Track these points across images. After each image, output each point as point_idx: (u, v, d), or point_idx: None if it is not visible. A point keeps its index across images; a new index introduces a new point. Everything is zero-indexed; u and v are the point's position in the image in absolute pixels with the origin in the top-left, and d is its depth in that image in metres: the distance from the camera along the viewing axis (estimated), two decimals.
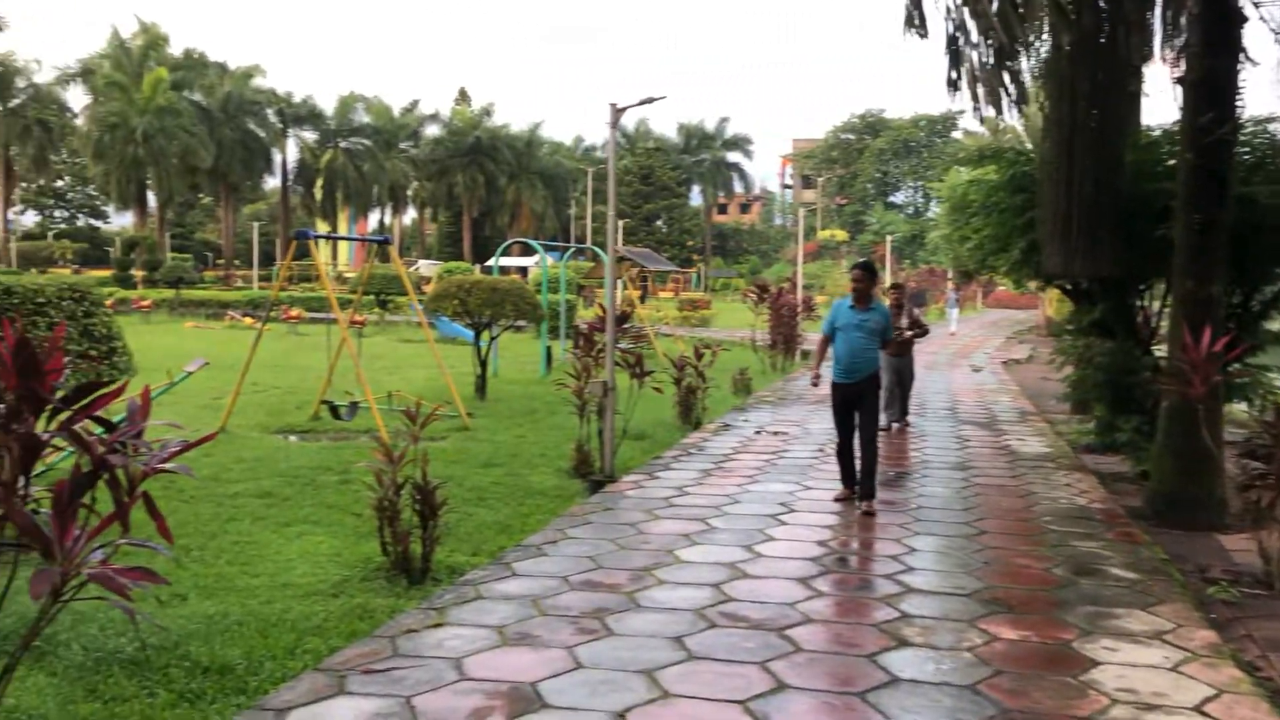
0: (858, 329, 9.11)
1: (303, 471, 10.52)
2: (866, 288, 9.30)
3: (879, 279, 9.73)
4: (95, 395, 3.79)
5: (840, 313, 9.31)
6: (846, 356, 9.16)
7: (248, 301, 43.84)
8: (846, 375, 9.21)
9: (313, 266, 59.03)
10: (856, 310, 9.20)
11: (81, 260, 74.21)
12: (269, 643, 5.72)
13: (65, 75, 66.79)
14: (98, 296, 8.46)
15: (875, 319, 9.19)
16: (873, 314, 9.21)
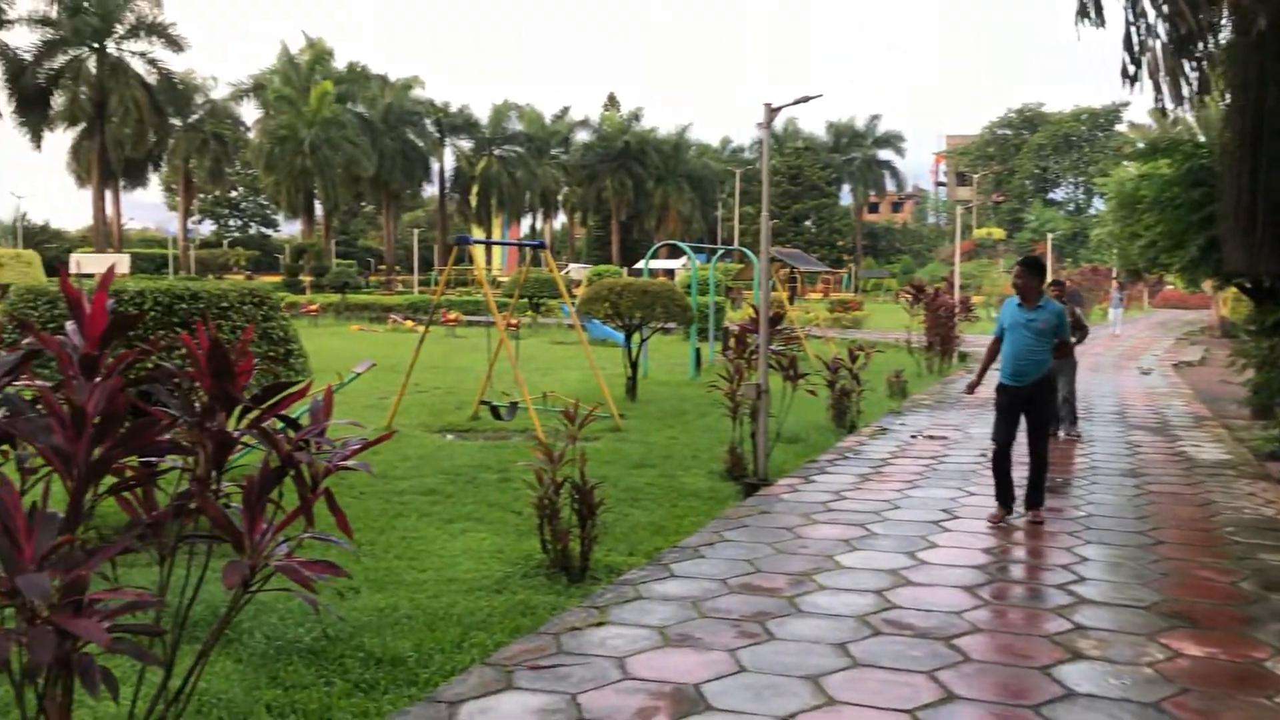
0: (1025, 328, 8.66)
1: (464, 469, 10.79)
2: (1028, 284, 8.78)
3: (1045, 275, 9.22)
4: (282, 395, 3.96)
5: (1008, 311, 8.90)
6: (1014, 357, 8.73)
7: (408, 305, 45.32)
8: (1015, 377, 8.76)
9: (469, 271, 60.65)
10: (1024, 309, 8.74)
11: (254, 267, 78.07)
12: (437, 636, 5.88)
13: (239, 91, 70.39)
14: (276, 301, 8.87)
15: (1044, 318, 8.67)
16: (1041, 312, 8.69)
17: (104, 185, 62.59)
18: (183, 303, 7.86)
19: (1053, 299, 9.19)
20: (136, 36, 60.04)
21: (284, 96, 66.09)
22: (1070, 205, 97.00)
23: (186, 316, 7.77)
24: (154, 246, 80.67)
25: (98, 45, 58.89)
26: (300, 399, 4.09)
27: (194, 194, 79.16)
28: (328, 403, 4.10)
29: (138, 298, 7.80)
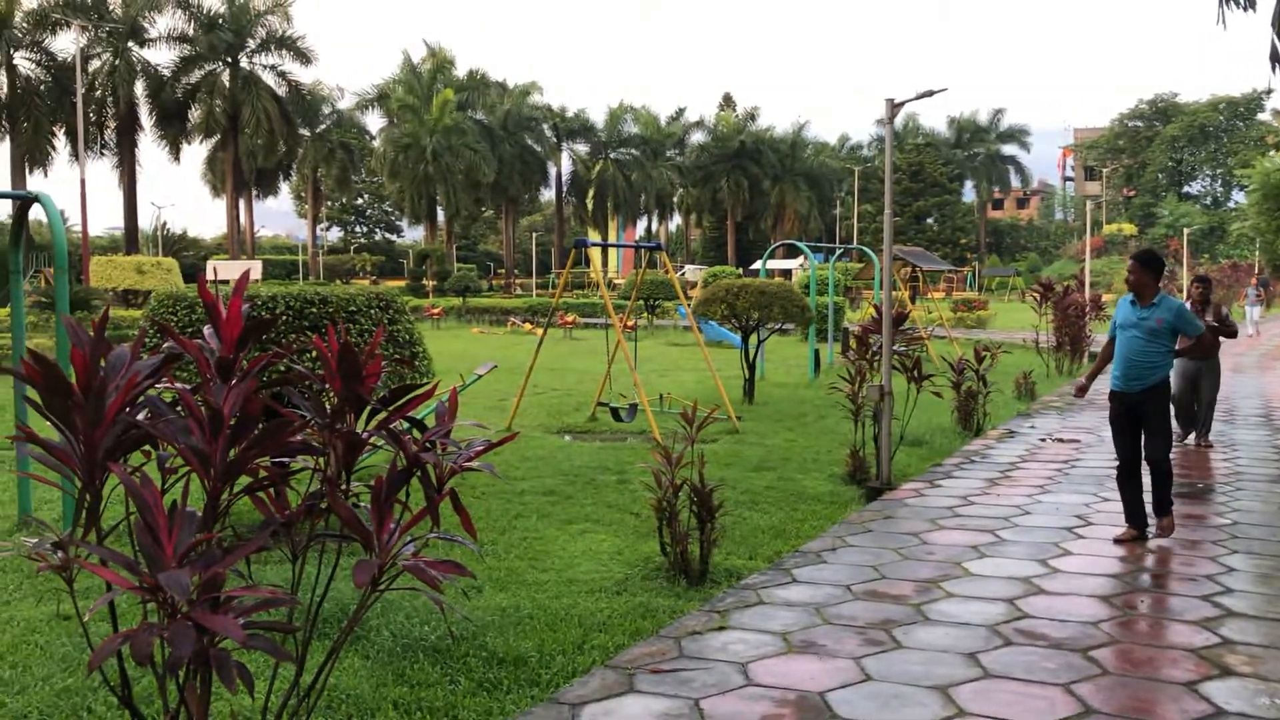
0: (1135, 328, 7.91)
1: (583, 470, 10.86)
2: (1141, 280, 7.95)
3: (1163, 271, 8.41)
4: (409, 396, 4.01)
5: (1121, 310, 8.13)
6: (1124, 360, 7.99)
7: (527, 308, 45.96)
8: (1123, 382, 8.01)
9: (586, 273, 61.23)
10: (1136, 307, 7.98)
11: (379, 272, 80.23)
12: (558, 637, 5.91)
13: (364, 100, 72.47)
14: (402, 305, 9.07)
15: (1159, 316, 7.84)
16: (1155, 310, 7.87)
17: (237, 194, 65.12)
18: (313, 307, 8.09)
19: (1172, 296, 8.46)
20: (267, 50, 62.31)
21: (407, 105, 67.77)
22: (1207, 199, 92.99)
23: (317, 320, 7.99)
24: (284, 253, 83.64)
25: (231, 60, 61.28)
26: (426, 400, 4.14)
27: (322, 202, 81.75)
28: (453, 404, 4.15)
29: (270, 302, 8.06)
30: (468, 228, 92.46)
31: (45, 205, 8.28)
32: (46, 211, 8.26)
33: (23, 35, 55.15)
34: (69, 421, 3.54)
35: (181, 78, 60.96)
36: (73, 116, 46.76)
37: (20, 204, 8.63)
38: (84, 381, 3.50)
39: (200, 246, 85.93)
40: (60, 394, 3.51)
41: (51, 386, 3.49)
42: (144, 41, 59.53)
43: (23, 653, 5.68)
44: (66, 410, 3.52)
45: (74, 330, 3.64)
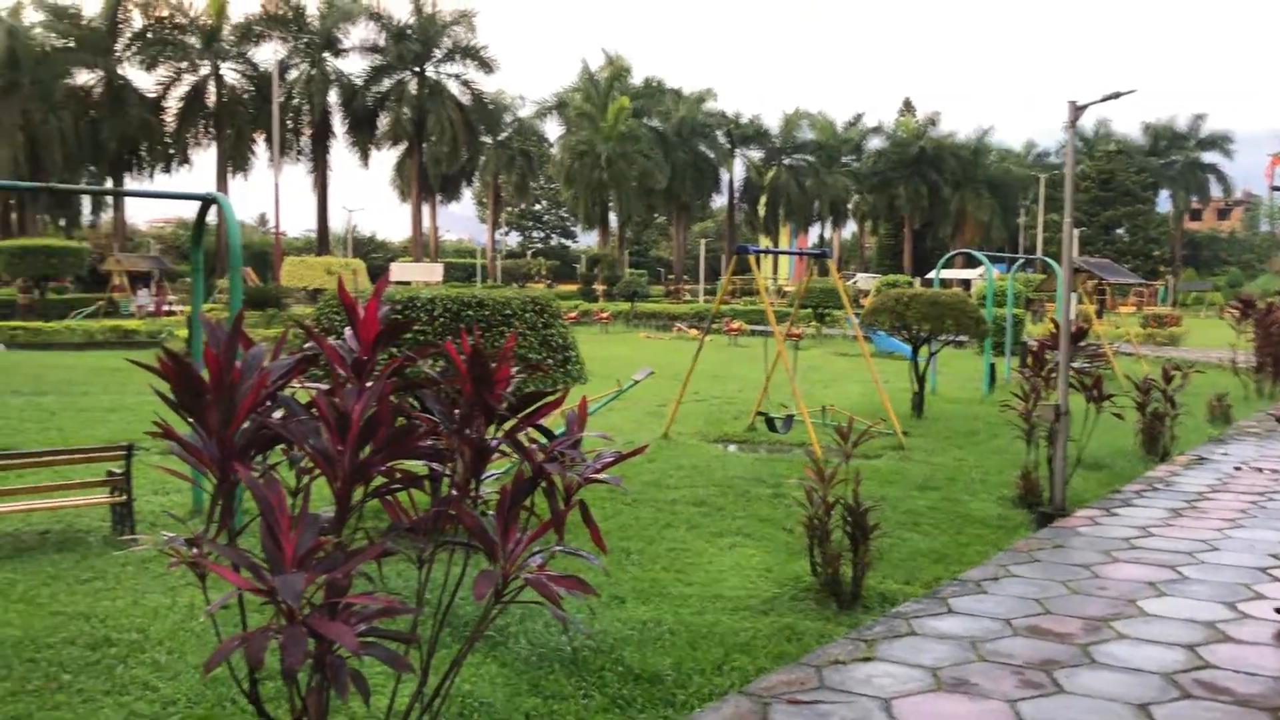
0: None
1: (736, 482, 10.62)
2: None
3: None
4: (538, 405, 3.90)
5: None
6: None
7: (694, 314, 45.94)
8: None
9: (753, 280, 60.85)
10: None
11: (553, 276, 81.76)
12: (698, 656, 5.72)
13: (543, 108, 74.07)
14: (556, 309, 9.05)
15: None
16: None
17: (421, 199, 67.54)
18: (469, 309, 8.14)
19: None
20: (452, 60, 64.41)
21: (584, 113, 68.85)
22: None
23: (472, 323, 8.04)
24: (465, 256, 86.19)
25: (418, 69, 63.62)
26: (557, 409, 4.01)
27: (502, 207, 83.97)
28: (582, 414, 4.00)
29: (430, 305, 8.15)
30: (640, 233, 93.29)
31: (222, 206, 8.62)
32: (223, 212, 8.59)
33: (229, 47, 58.64)
34: (202, 419, 3.56)
35: (372, 86, 63.64)
36: (271, 124, 49.40)
37: (201, 205, 9.02)
38: (216, 380, 3.51)
39: (387, 249, 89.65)
40: (193, 392, 3.53)
41: (185, 384, 3.52)
42: (338, 52, 62.47)
43: (179, 639, 5.86)
44: (199, 408, 3.55)
45: (210, 328, 3.66)
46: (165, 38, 56.95)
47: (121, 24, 56.26)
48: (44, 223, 57.01)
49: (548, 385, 8.47)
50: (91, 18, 55.79)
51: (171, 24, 57.20)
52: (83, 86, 56.04)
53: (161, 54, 56.94)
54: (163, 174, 60.01)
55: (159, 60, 57.13)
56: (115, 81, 56.02)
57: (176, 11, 57.32)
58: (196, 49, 57.86)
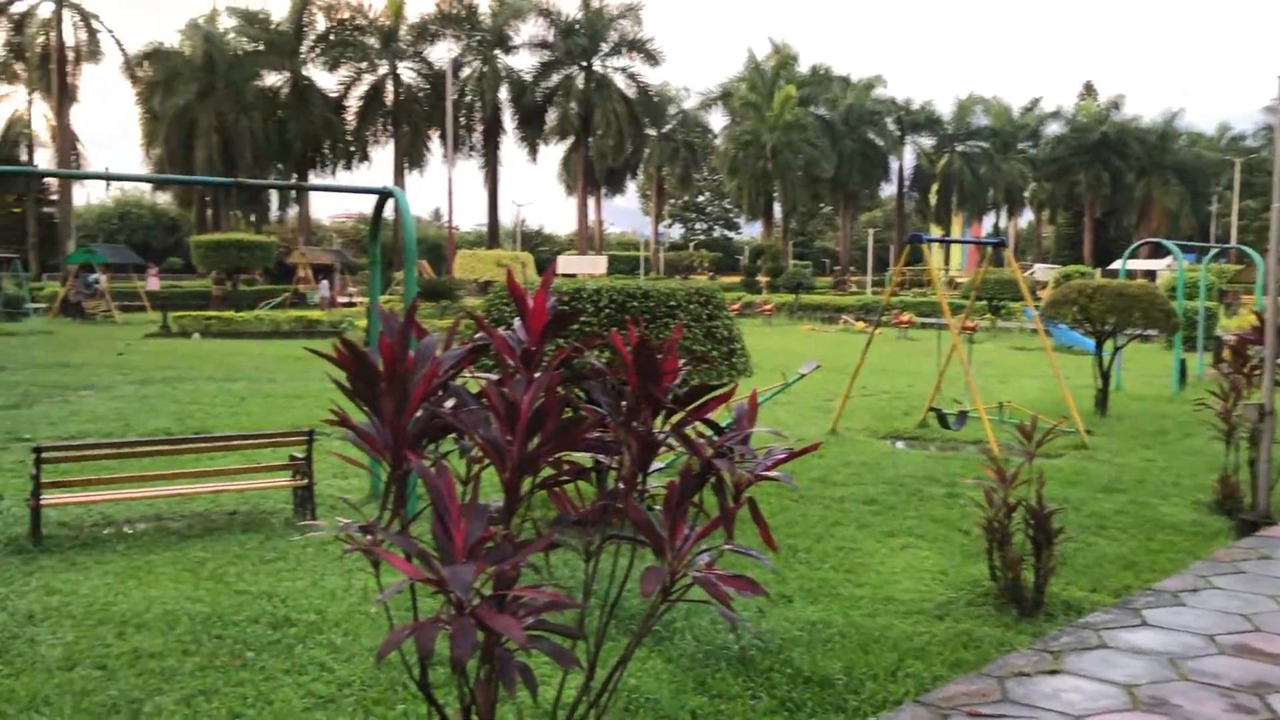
0: None
1: (908, 480, 10.28)
2: None
3: None
4: (706, 398, 3.78)
5: None
6: None
7: (860, 306, 45.06)
8: None
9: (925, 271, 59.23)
10: None
11: (716, 268, 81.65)
12: (870, 660, 5.50)
13: (708, 99, 73.87)
14: (721, 300, 8.91)
15: None
16: None
17: (587, 193, 68.45)
18: (634, 301, 8.09)
19: None
20: (619, 53, 64.99)
21: (749, 103, 68.40)
22: None
23: (637, 314, 7.99)
24: (629, 249, 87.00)
25: (586, 64, 64.43)
26: (725, 402, 3.88)
27: (665, 199, 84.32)
28: (752, 409, 3.86)
29: (595, 296, 8.14)
30: (805, 224, 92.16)
31: (398, 200, 8.82)
32: (398, 206, 8.80)
33: (406, 47, 60.70)
34: (376, 407, 3.59)
35: (540, 82, 64.83)
36: (445, 121, 50.85)
37: (378, 199, 9.26)
38: (390, 369, 3.52)
39: (554, 243, 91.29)
40: (368, 380, 3.55)
41: (360, 373, 3.54)
42: (509, 49, 63.88)
43: (354, 622, 6.01)
44: (374, 397, 3.57)
45: (385, 319, 3.68)
46: (346, 39, 59.39)
47: (306, 27, 58.96)
48: (236, 218, 60.33)
49: (712, 378, 8.35)
50: (279, 21, 58.66)
51: (352, 25, 59.61)
52: (271, 88, 58.98)
53: (343, 55, 59.41)
54: (344, 171, 62.72)
55: (341, 61, 59.63)
56: (300, 82, 58.76)
57: (357, 13, 59.72)
58: (375, 49, 60.12)
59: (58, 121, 51.44)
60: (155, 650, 5.50)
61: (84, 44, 51.56)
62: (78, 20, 51.24)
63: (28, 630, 5.80)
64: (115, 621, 5.94)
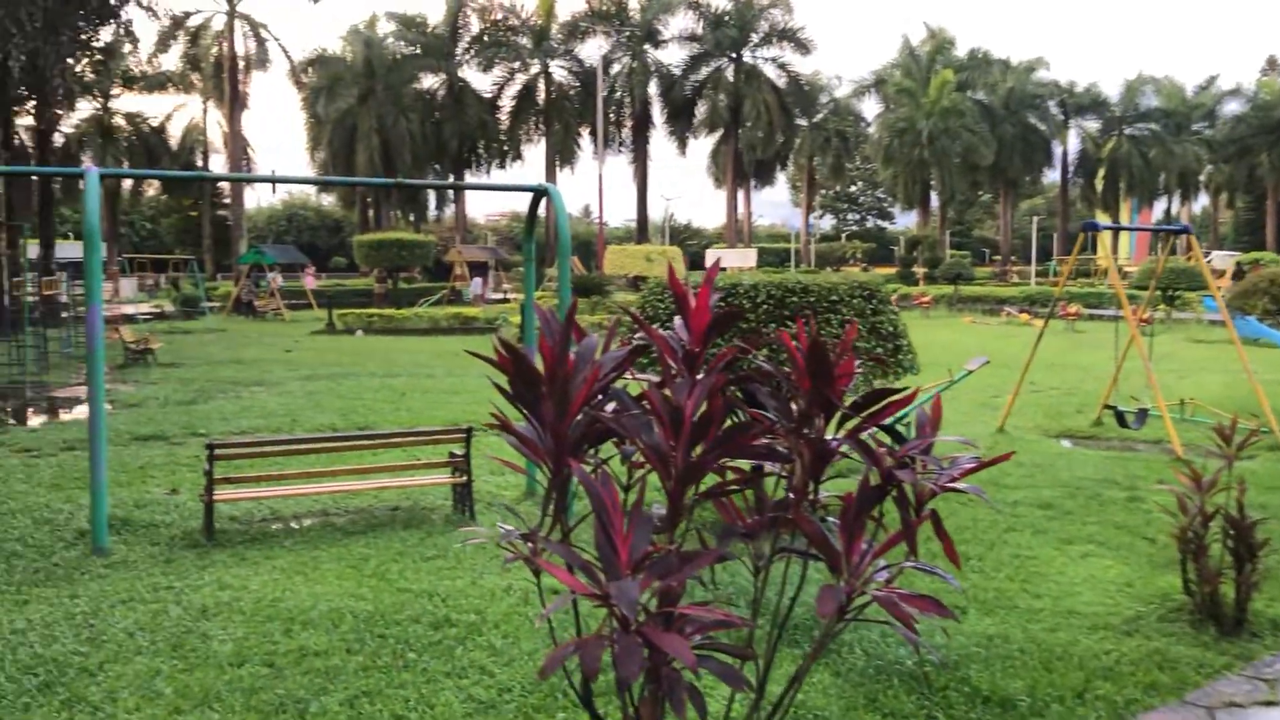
0: None
1: (1085, 483, 9.70)
2: None
3: None
4: (885, 402, 3.52)
5: None
6: None
7: (1024, 297, 43.39)
8: None
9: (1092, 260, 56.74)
10: None
11: (869, 259, 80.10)
12: (1054, 679, 5.14)
13: (860, 87, 72.37)
14: (885, 294, 8.54)
15: None
16: None
17: (736, 185, 68.02)
18: (794, 296, 7.83)
19: None
20: (769, 43, 64.25)
21: (904, 89, 66.77)
22: None
23: (797, 310, 7.73)
24: (779, 241, 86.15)
25: (735, 55, 63.96)
26: (905, 406, 3.61)
27: (816, 190, 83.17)
28: (936, 414, 3.59)
29: (753, 292, 7.91)
30: (962, 213, 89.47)
31: (553, 197, 8.78)
32: (553, 203, 8.75)
33: (557, 45, 61.47)
34: (536, 411, 3.47)
35: (689, 75, 64.67)
36: (595, 117, 51.27)
37: (533, 196, 9.24)
38: (550, 373, 3.39)
39: (702, 236, 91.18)
40: (529, 384, 3.43)
41: (520, 376, 3.42)
42: (658, 43, 63.92)
43: (513, 624, 5.95)
44: (534, 400, 3.45)
45: (546, 319, 3.55)
46: (500, 40, 60.53)
47: (461, 29, 60.34)
48: (396, 218, 62.27)
49: (877, 376, 8.01)
50: (435, 25, 60.22)
51: (505, 26, 60.72)
52: (428, 90, 60.60)
53: (496, 55, 60.57)
54: (498, 169, 64.00)
55: (494, 62, 60.80)
56: (456, 84, 60.18)
57: (510, 14, 60.82)
58: (528, 49, 61.07)
59: (230, 128, 54.03)
60: (320, 649, 5.56)
61: (253, 53, 54.01)
62: (247, 30, 53.72)
63: (201, 625, 5.95)
64: (283, 618, 6.03)
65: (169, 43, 52.06)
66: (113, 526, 8.05)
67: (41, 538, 7.90)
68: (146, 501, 9.03)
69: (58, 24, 22.67)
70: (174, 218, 71.68)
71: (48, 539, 7.87)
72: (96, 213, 7.32)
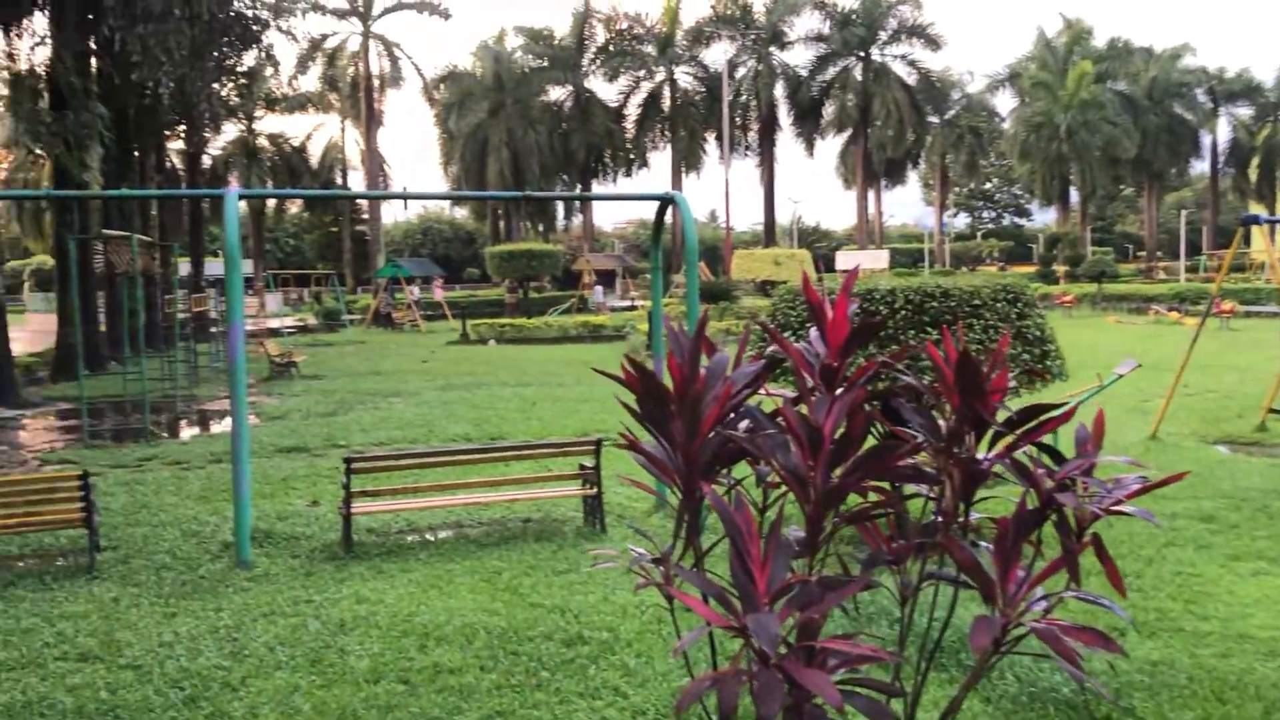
0: None
1: (1251, 493, 9.08)
2: None
3: None
4: (1041, 419, 3.27)
5: None
6: None
7: (1173, 295, 41.41)
8: None
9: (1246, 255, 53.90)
10: None
11: (1006, 258, 77.74)
12: (1228, 712, 4.77)
13: (994, 81, 70.37)
14: (1031, 296, 8.11)
15: None
16: None
17: (866, 185, 66.87)
18: (933, 301, 7.51)
19: None
20: (898, 40, 63.01)
21: (1040, 82, 64.57)
22: None
23: (936, 316, 7.41)
24: (911, 241, 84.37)
25: (863, 54, 62.93)
26: (1063, 423, 3.35)
27: (949, 188, 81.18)
28: (1098, 431, 3.32)
29: (889, 297, 7.63)
30: (1104, 208, 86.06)
31: (679, 204, 8.65)
32: (680, 210, 8.63)
33: (682, 52, 61.51)
34: (666, 430, 3.33)
35: (816, 76, 63.90)
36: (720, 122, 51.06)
37: (660, 204, 9.14)
38: (680, 390, 3.26)
39: (831, 238, 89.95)
40: (658, 402, 3.30)
41: (649, 394, 3.29)
42: (784, 45, 63.35)
43: (646, 642, 5.82)
44: (663, 419, 3.31)
45: (674, 336, 3.41)
46: (625, 49, 60.87)
47: (587, 40, 60.91)
48: (526, 229, 63.20)
49: (1024, 383, 7.63)
50: (561, 37, 60.93)
51: (630, 35, 61.04)
52: (555, 102, 61.35)
53: (622, 65, 60.92)
54: (624, 177, 64.32)
55: (620, 71, 61.17)
56: (582, 94, 60.78)
57: (635, 23, 61.09)
58: (652, 56, 61.26)
59: (366, 145, 55.72)
60: (455, 665, 5.53)
61: (387, 71, 55.57)
62: (381, 49, 55.31)
63: (339, 640, 6.00)
64: (418, 633, 6.04)
65: (308, 64, 54.01)
66: (255, 539, 8.25)
67: (189, 550, 8.15)
68: (288, 514, 9.24)
69: (204, 51, 23.66)
70: (316, 234, 74.26)
71: (195, 551, 8.11)
72: (236, 232, 7.50)
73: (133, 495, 10.32)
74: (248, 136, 56.23)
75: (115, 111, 26.72)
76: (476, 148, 57.53)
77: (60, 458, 12.94)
